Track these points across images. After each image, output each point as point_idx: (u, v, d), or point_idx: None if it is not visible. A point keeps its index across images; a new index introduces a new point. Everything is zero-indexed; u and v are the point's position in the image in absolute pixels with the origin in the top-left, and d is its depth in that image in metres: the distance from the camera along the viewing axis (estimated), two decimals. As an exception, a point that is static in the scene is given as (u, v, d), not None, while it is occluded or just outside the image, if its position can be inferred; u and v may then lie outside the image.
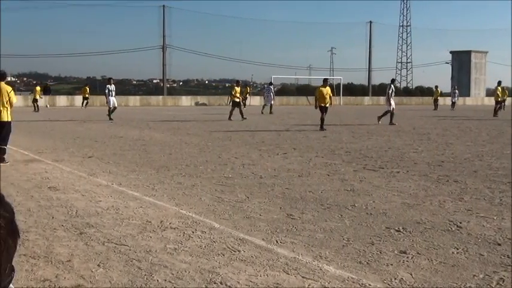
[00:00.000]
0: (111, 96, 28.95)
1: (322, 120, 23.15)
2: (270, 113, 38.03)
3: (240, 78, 36.44)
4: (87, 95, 47.95)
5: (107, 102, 29.65)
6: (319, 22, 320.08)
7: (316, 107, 23.87)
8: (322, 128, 22.87)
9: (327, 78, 25.38)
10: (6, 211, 1.10)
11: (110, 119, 28.40)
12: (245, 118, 29.30)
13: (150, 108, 49.80)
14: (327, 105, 23.48)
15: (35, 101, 41.47)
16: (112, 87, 29.19)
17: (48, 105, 47.84)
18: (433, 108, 49.14)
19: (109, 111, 28.90)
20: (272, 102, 39.61)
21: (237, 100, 30.52)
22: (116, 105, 29.44)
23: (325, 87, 23.91)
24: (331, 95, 23.98)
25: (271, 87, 40.95)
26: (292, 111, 42.01)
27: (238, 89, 30.97)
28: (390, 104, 26.98)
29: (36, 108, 40.10)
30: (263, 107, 39.82)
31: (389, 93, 27.17)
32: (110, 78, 29.86)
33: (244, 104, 46.16)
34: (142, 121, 27.72)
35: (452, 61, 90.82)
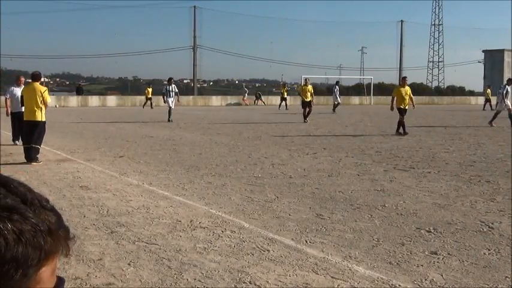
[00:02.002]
0: (169, 97, 28.04)
1: (399, 123, 20.44)
2: (333, 111, 37.50)
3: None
4: (150, 96, 47.72)
5: (164, 102, 28.93)
6: (349, 22, 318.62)
7: (391, 109, 21.20)
8: (405, 132, 20.16)
9: (406, 77, 21.98)
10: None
11: (169, 120, 27.58)
12: (306, 121, 27.19)
13: (181, 108, 50.05)
14: (407, 106, 20.75)
15: None
16: (171, 87, 28.15)
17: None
18: (482, 108, 46.23)
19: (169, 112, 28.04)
20: (339, 101, 39.03)
21: (307, 100, 27.96)
22: (172, 106, 28.11)
23: (404, 86, 21.15)
24: (411, 95, 21.18)
25: (337, 86, 40.50)
26: (322, 110, 41.83)
27: (309, 87, 28.48)
28: (507, 104, 24.87)
29: None
30: (336, 106, 39.04)
31: (504, 94, 24.95)
32: (170, 79, 28.81)
33: (286, 105, 45.32)
34: (172, 121, 27.83)
35: (485, 60, 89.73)
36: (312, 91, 28.82)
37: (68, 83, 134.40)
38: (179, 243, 6.21)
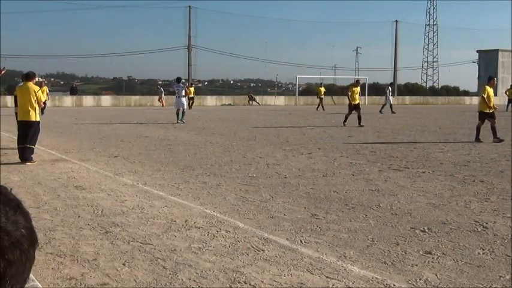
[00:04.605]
0: (180, 97, 27.33)
1: (491, 130, 17.80)
2: (392, 112, 37.24)
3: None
4: (192, 95, 46.42)
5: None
6: (344, 22, 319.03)
7: (494, 108, 17.93)
8: (498, 139, 17.54)
9: (493, 77, 18.49)
10: (27, 220, 1.03)
11: (182, 121, 26.70)
12: (362, 125, 24.49)
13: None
14: (491, 110, 17.85)
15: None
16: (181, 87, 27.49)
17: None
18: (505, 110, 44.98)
19: (183, 113, 27.22)
20: (391, 102, 38.48)
21: (356, 103, 25.32)
22: (179, 107, 27.28)
23: (491, 86, 18.24)
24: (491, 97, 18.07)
25: (390, 87, 40.02)
26: (317, 110, 41.88)
27: (357, 89, 25.98)
28: None
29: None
30: (388, 107, 37.93)
31: None
32: (179, 78, 28.43)
33: (321, 106, 44.08)
34: (167, 121, 27.82)
35: (479, 60, 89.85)
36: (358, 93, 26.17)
37: (62, 83, 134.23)
38: (174, 243, 6.21)
